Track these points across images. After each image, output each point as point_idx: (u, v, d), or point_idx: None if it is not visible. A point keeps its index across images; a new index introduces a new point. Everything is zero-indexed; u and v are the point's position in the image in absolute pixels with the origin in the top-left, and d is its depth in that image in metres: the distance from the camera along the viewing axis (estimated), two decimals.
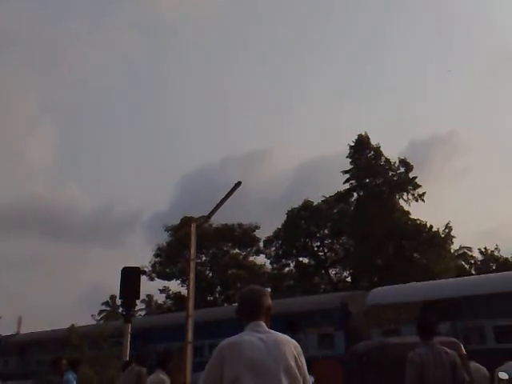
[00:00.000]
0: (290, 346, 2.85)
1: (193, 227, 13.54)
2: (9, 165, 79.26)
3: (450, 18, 67.59)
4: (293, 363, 2.78)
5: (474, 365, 8.97)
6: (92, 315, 23.68)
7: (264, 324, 2.92)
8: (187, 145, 75.60)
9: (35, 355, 23.19)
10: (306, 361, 2.90)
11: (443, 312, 16.03)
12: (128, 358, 10.98)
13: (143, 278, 16.93)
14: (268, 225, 52.61)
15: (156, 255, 42.22)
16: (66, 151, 76.83)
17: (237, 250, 43.22)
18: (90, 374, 13.36)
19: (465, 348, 7.30)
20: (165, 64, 74.79)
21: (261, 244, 42.39)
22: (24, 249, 73.61)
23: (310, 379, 3.00)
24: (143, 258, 48.63)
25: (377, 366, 7.75)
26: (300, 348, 2.92)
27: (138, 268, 14.05)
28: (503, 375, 9.05)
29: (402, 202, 36.36)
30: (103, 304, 49.96)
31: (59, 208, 73.92)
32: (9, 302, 71.75)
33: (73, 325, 18.78)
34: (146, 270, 39.13)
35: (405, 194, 36.31)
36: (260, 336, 2.82)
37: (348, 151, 36.79)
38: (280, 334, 2.92)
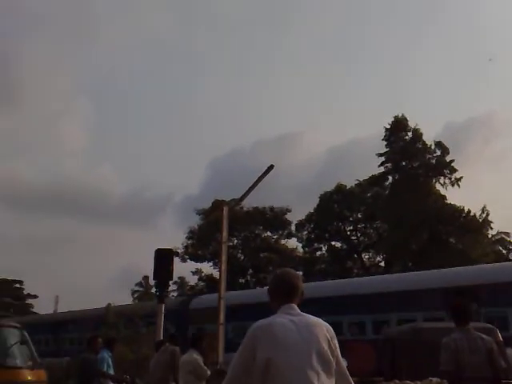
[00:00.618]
0: (323, 328, 2.82)
1: (225, 210, 13.62)
2: (44, 146, 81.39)
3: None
4: (325, 346, 2.75)
5: (510, 351, 8.82)
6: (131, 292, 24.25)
7: (296, 307, 2.91)
8: (219, 128, 75.94)
9: (72, 333, 23.94)
10: (340, 343, 2.87)
11: None
12: (162, 338, 11.18)
13: (176, 260, 17.13)
14: (299, 209, 52.54)
15: (188, 237, 42.76)
16: (100, 133, 78.17)
17: (268, 233, 43.33)
18: (125, 352, 13.68)
19: None
20: (197, 45, 74.82)
21: (292, 227, 42.40)
22: (58, 230, 75.79)
23: (344, 362, 2.95)
24: (175, 240, 49.35)
25: (409, 350, 7.70)
26: (333, 331, 2.88)
27: (170, 250, 14.24)
28: None
29: (438, 186, 35.71)
30: (136, 285, 51.00)
31: (93, 190, 75.59)
32: (45, 282, 74.27)
33: (110, 303, 19.16)
34: (178, 251, 39.66)
35: (441, 178, 35.62)
36: (292, 318, 2.81)
37: (383, 134, 36.25)
38: (312, 316, 2.89)
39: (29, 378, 7.45)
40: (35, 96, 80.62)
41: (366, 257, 41.43)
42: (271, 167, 13.78)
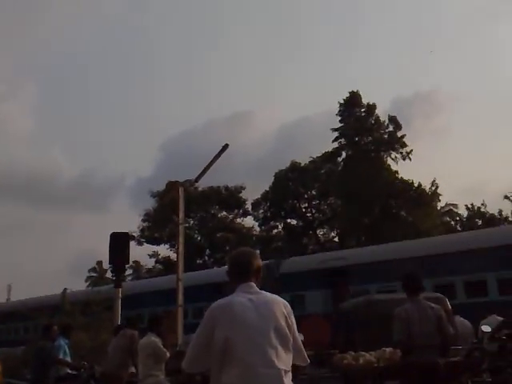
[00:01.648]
0: (280, 305, 2.88)
1: (180, 191, 13.54)
2: None
3: None
4: (283, 322, 2.81)
5: (458, 319, 9.24)
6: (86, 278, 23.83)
7: (254, 285, 2.95)
8: (170, 108, 74.64)
9: (27, 322, 23.37)
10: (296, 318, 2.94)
11: None
12: (119, 322, 11.09)
13: (132, 243, 16.96)
14: (254, 187, 52.70)
15: (144, 220, 42.30)
16: (47, 116, 75.49)
17: (224, 213, 43.39)
18: (83, 339, 13.52)
19: None
20: (147, 24, 72.96)
21: (248, 206, 42.62)
22: (7, 215, 73.26)
23: (300, 337, 3.03)
24: (129, 224, 48.65)
25: (363, 322, 7.94)
26: (290, 307, 2.94)
27: (126, 233, 14.05)
28: (486, 328, 9.31)
29: (389, 161, 36.58)
30: (90, 270, 50.14)
31: (42, 174, 73.12)
32: None
33: (65, 289, 18.73)
34: (134, 235, 39.20)
35: (393, 152, 36.46)
36: (250, 297, 2.85)
37: (338, 109, 36.60)
38: (270, 294, 2.95)
39: None
40: None
41: (321, 233, 42.20)
42: (226, 146, 13.74)
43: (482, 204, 40.21)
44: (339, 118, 36.83)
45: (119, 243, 12.31)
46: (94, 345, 13.43)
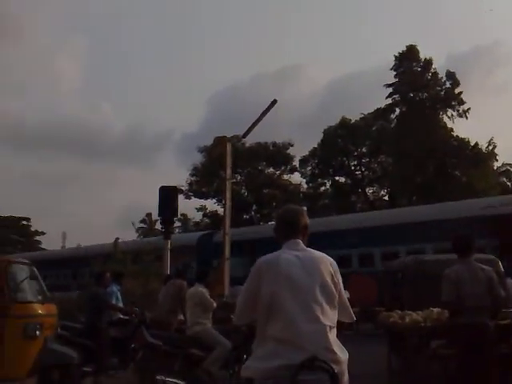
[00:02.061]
0: (327, 263, 2.87)
1: (228, 147, 13.55)
2: (40, 84, 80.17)
3: None
4: (329, 280, 2.80)
5: (510, 281, 8.99)
6: (135, 227, 24.46)
7: (301, 242, 2.94)
8: (217, 62, 74.12)
9: (80, 269, 24.57)
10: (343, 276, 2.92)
11: None
12: (169, 272, 11.45)
13: (180, 197, 17.28)
14: (302, 144, 52.11)
15: (192, 175, 42.85)
16: (96, 71, 76.75)
17: (271, 169, 43.33)
18: (134, 286, 14.07)
19: None
20: None
21: (296, 163, 42.31)
22: (61, 167, 76.20)
23: (346, 294, 3.01)
24: (175, 179, 49.51)
25: (411, 282, 7.84)
26: (336, 265, 2.91)
27: (175, 187, 14.32)
28: None
29: (445, 119, 35.21)
30: (141, 222, 51.67)
31: (91, 128, 75.23)
32: (52, 219, 75.51)
33: (117, 238, 19.35)
34: (182, 188, 39.81)
35: (449, 110, 35.04)
36: (296, 253, 2.85)
37: (393, 63, 35.23)
38: (316, 251, 2.94)
39: (40, 311, 7.63)
40: (31, 32, 78.45)
41: (370, 191, 41.61)
42: (274, 102, 13.54)
43: None
44: (393, 74, 35.54)
45: (168, 197, 12.56)
46: (143, 292, 13.94)
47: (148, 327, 7.78)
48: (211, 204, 43.64)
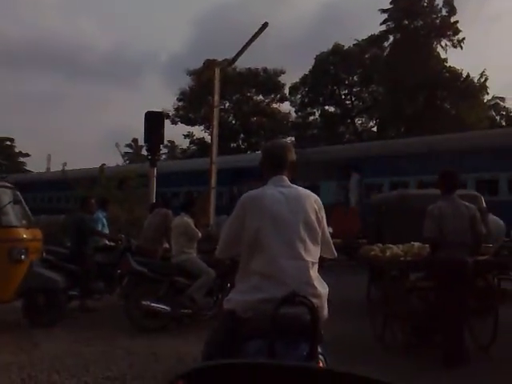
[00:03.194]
0: (311, 199, 2.87)
1: (216, 72, 13.15)
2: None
3: None
4: (313, 217, 2.81)
5: (491, 217, 9.15)
6: (123, 155, 24.04)
7: (286, 178, 2.93)
8: None
9: (66, 192, 24.52)
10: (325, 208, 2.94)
11: None
12: (154, 200, 11.44)
13: (166, 122, 16.97)
14: (294, 70, 50.83)
15: (179, 99, 41.99)
16: None
17: (261, 97, 42.58)
18: (119, 212, 14.09)
19: None
20: None
21: (286, 91, 41.57)
22: (45, 86, 74.16)
23: (329, 229, 3.02)
24: (162, 102, 48.57)
25: (394, 216, 7.93)
26: (321, 202, 2.93)
27: (161, 112, 14.01)
28: None
29: (439, 49, 34.45)
30: (126, 146, 51.24)
31: (72, 44, 72.45)
32: (37, 141, 74.45)
33: (103, 164, 19.12)
34: (169, 113, 39.11)
35: (443, 39, 34.20)
36: (281, 190, 2.84)
37: None
38: (301, 188, 2.94)
39: (24, 236, 7.64)
40: None
41: (359, 122, 41.34)
42: (265, 25, 13.02)
43: None
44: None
45: (154, 122, 12.30)
46: (129, 219, 14.01)
47: (134, 254, 7.87)
48: (198, 131, 43.18)
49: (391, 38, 35.41)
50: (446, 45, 34.25)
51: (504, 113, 39.35)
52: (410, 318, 5.92)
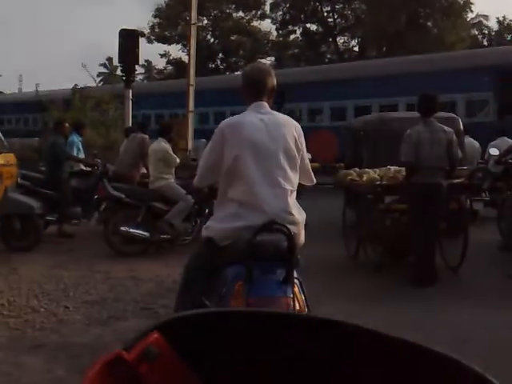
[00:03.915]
0: (291, 127, 2.84)
1: None
2: None
3: None
4: (292, 144, 2.79)
5: (467, 140, 9.20)
6: (94, 78, 22.93)
7: (266, 105, 2.87)
8: None
9: (38, 114, 23.88)
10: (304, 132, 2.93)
11: None
12: (130, 125, 11.21)
13: (141, 41, 16.27)
14: None
15: (155, 16, 40.08)
16: None
17: (240, 14, 40.88)
18: (94, 136, 13.77)
19: None
20: None
21: (267, 8, 39.92)
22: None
23: (307, 155, 3.02)
24: (137, 19, 46.40)
25: (373, 140, 7.89)
26: (300, 129, 2.91)
27: (136, 31, 13.41)
28: (494, 151, 9.33)
29: None
30: (101, 65, 49.35)
31: None
32: (7, 60, 71.35)
33: (76, 85, 18.38)
34: (144, 32, 37.42)
35: None
36: (261, 117, 2.79)
37: None
38: (281, 114, 2.91)
39: None
40: None
41: (341, 41, 40.29)
42: None
43: None
44: None
45: (129, 41, 11.83)
46: (105, 143, 13.76)
47: (110, 180, 7.78)
48: (175, 50, 41.70)
49: None
50: None
51: (486, 32, 38.70)
52: (383, 239, 6.07)
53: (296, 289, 2.50)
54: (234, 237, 2.64)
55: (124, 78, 12.51)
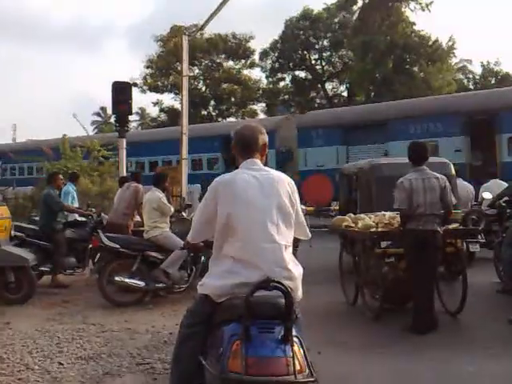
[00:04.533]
0: (284, 182, 2.86)
1: (184, 40, 12.79)
2: None
3: None
4: (286, 200, 2.80)
5: (460, 182, 9.29)
6: (84, 128, 23.18)
7: (259, 161, 2.90)
8: None
9: (32, 163, 24.11)
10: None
11: None
12: (125, 174, 11.25)
13: (134, 90, 16.52)
14: (264, 36, 49.90)
15: (147, 67, 40.93)
16: None
17: (231, 63, 41.85)
18: (89, 184, 13.78)
19: None
20: None
21: (256, 58, 40.94)
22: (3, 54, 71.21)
23: (302, 207, 3.03)
24: (129, 70, 47.46)
25: (366, 186, 7.96)
26: (294, 184, 2.92)
27: (128, 83, 13.67)
28: (486, 195, 9.43)
29: (407, 13, 34.21)
30: (94, 114, 50.00)
31: (29, 13, 69.37)
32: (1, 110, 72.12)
33: (65, 135, 18.46)
34: (136, 82, 38.12)
35: (411, 2, 33.95)
36: (254, 174, 2.81)
37: None
38: (275, 171, 2.93)
39: None
40: None
41: (330, 87, 41.19)
42: None
43: (496, 62, 38.83)
44: None
45: (121, 93, 12.02)
46: (99, 191, 13.75)
47: (104, 229, 7.76)
48: (168, 98, 42.42)
49: (360, 1, 35.09)
50: (414, 8, 34.07)
51: (471, 76, 39.82)
52: (381, 285, 6.03)
53: (296, 347, 2.44)
54: (230, 294, 2.62)
55: (118, 128, 12.63)
